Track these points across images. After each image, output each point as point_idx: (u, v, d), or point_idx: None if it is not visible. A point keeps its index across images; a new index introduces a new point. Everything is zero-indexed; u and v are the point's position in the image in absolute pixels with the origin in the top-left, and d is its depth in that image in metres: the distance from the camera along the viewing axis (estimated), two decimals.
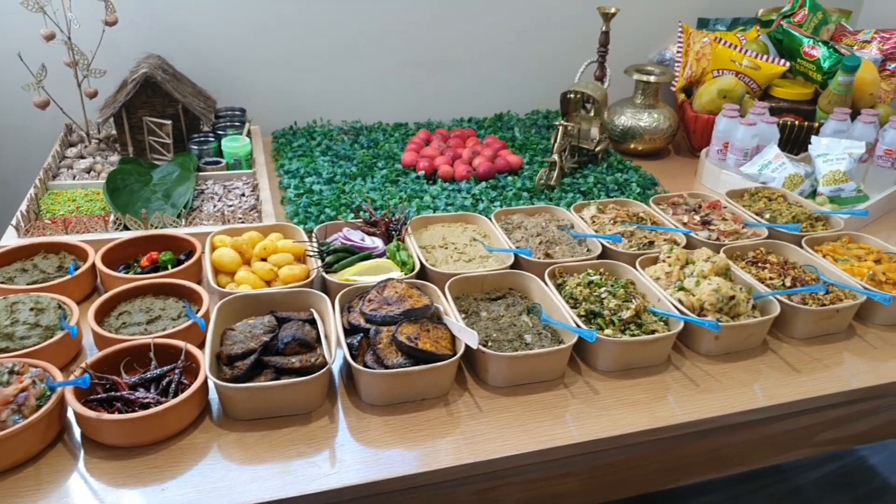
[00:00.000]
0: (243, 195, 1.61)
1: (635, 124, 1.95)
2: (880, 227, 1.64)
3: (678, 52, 2.10)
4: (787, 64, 1.94)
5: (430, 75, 2.11)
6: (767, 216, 1.52)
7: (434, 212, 1.59)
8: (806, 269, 1.34)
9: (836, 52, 1.89)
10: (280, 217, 1.56)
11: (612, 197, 1.69)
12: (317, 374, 1.00)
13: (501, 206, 1.60)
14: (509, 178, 1.76)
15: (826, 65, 1.91)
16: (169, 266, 1.31)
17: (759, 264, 1.34)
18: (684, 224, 1.49)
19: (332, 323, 1.10)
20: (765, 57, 1.96)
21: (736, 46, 1.97)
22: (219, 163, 1.74)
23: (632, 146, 1.99)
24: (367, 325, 1.10)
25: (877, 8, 2.33)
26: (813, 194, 1.69)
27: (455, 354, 1.05)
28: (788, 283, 1.27)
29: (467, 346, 1.04)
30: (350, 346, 1.06)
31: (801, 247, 1.39)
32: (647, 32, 2.24)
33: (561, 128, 1.75)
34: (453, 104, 2.17)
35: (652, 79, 1.94)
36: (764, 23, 2.11)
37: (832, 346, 1.21)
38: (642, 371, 1.13)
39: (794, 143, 1.90)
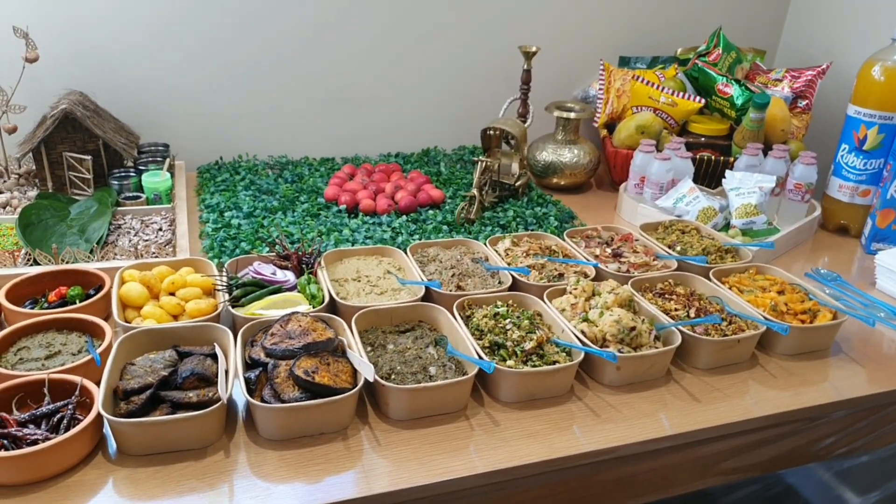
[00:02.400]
0: (160, 230, 1.59)
1: (556, 160, 1.99)
2: (791, 259, 1.70)
3: (600, 89, 2.16)
4: (703, 101, 2.01)
5: (357, 112, 2.13)
6: (678, 248, 1.56)
7: (352, 245, 1.59)
8: (712, 300, 1.37)
9: (747, 90, 1.97)
10: (196, 252, 1.54)
11: (530, 230, 1.71)
12: (210, 408, 0.98)
13: (420, 240, 1.61)
14: (430, 211, 1.78)
15: (739, 102, 1.98)
16: (77, 301, 1.29)
17: (666, 296, 1.37)
18: (596, 257, 1.52)
19: (232, 357, 1.09)
20: (681, 94, 2.02)
21: (654, 84, 2.04)
22: (139, 198, 1.72)
23: (554, 181, 2.02)
24: (268, 360, 1.09)
25: (790, 48, 2.44)
26: (726, 227, 1.74)
27: (354, 388, 1.04)
28: (693, 314, 1.30)
29: (374, 380, 1.04)
30: (248, 381, 1.05)
31: (709, 278, 1.42)
32: (571, 70, 2.30)
33: (480, 163, 1.77)
34: (381, 140, 2.19)
35: (572, 115, 1.99)
36: (682, 61, 2.19)
37: (734, 376, 1.24)
38: (545, 402, 1.14)
39: (712, 177, 1.96)
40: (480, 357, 1.12)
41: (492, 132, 1.87)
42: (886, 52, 1.66)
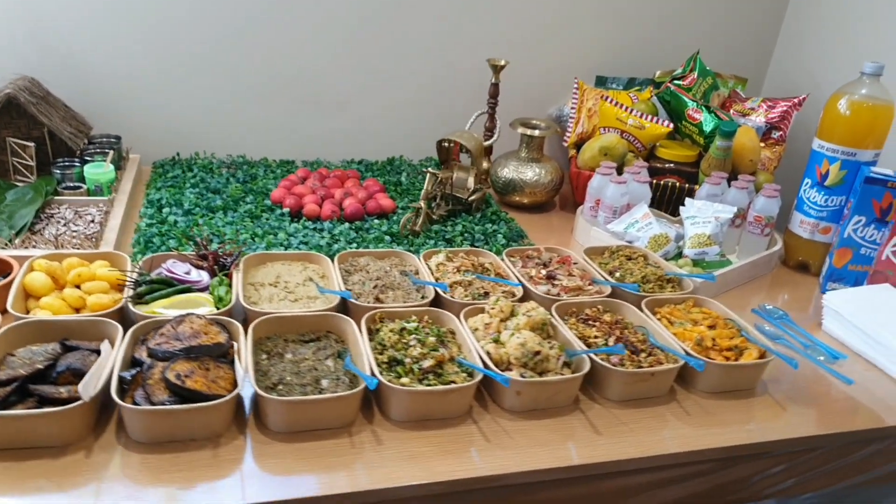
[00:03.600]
0: (93, 221, 1.56)
1: (517, 177, 1.95)
2: (746, 293, 1.64)
3: (572, 108, 2.12)
4: (671, 125, 1.96)
5: (322, 116, 2.10)
6: (617, 275, 1.51)
7: (286, 249, 1.55)
8: (638, 329, 1.32)
9: (716, 117, 1.91)
10: (125, 246, 1.52)
11: (476, 247, 1.67)
12: (69, 406, 0.95)
13: (358, 248, 1.57)
14: (376, 221, 1.74)
15: (707, 129, 1.93)
16: None
17: (590, 322, 1.32)
18: (531, 278, 1.47)
19: (113, 355, 1.05)
20: (650, 117, 1.97)
21: (623, 105, 1.99)
22: (80, 188, 1.70)
23: (516, 198, 1.98)
24: (148, 360, 1.05)
25: (777, 77, 2.38)
26: (679, 256, 1.68)
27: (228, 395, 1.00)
28: (611, 343, 1.24)
29: (255, 390, 1.00)
30: (122, 380, 1.01)
31: (641, 307, 1.37)
32: (548, 87, 2.26)
33: (430, 175, 1.73)
34: (345, 146, 2.16)
35: (536, 133, 1.95)
36: (658, 84, 2.14)
37: (646, 411, 1.18)
38: (439, 423, 1.09)
39: (676, 203, 1.90)
40: (372, 373, 1.07)
41: (447, 144, 1.83)
42: (854, 85, 1.60)
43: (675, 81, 2.04)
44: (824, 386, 1.30)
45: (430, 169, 1.74)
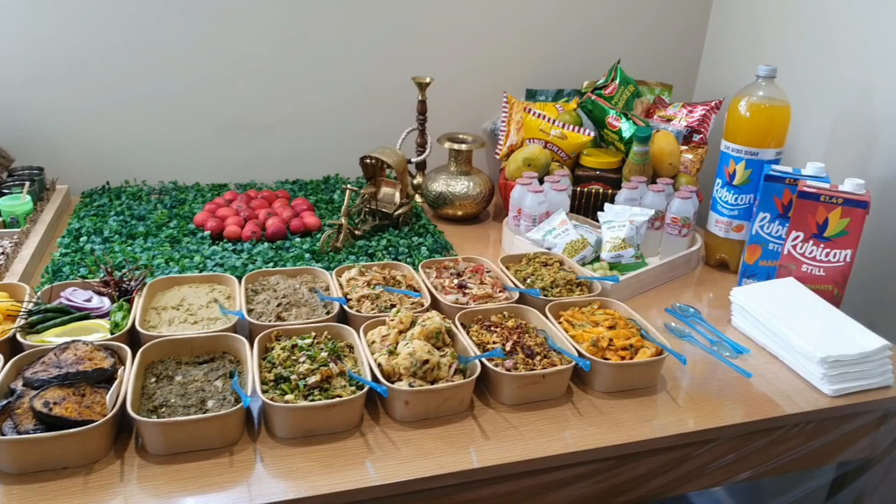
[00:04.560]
0: (2, 253, 1.57)
1: (446, 190, 1.97)
2: (666, 293, 1.65)
3: (502, 121, 2.14)
4: (592, 134, 1.98)
5: (253, 139, 2.12)
6: (528, 281, 1.52)
7: (200, 272, 1.56)
8: (540, 333, 1.33)
9: (634, 124, 1.94)
10: (36, 276, 1.52)
11: (398, 260, 1.68)
12: None
13: (274, 267, 1.58)
14: (298, 239, 1.75)
15: (627, 135, 1.95)
16: None
17: (493, 328, 1.33)
18: (443, 288, 1.48)
19: None
20: (572, 127, 2.00)
21: (546, 117, 2.01)
22: None
23: (449, 211, 2.00)
24: (21, 389, 1.05)
25: (706, 83, 2.41)
26: (597, 260, 1.70)
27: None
28: (509, 348, 1.25)
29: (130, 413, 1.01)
30: None
31: (545, 312, 1.38)
32: (481, 101, 2.28)
33: (349, 191, 1.75)
34: (279, 167, 2.18)
35: (464, 147, 1.97)
36: (584, 94, 2.16)
37: (539, 413, 1.19)
38: (326, 438, 1.10)
39: (601, 210, 1.91)
40: (254, 392, 1.08)
41: (369, 161, 1.85)
42: (752, 88, 1.63)
43: (598, 91, 2.07)
44: (726, 380, 1.31)
45: (348, 186, 1.75)
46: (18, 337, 1.20)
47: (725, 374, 1.33)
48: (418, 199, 2.10)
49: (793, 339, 1.32)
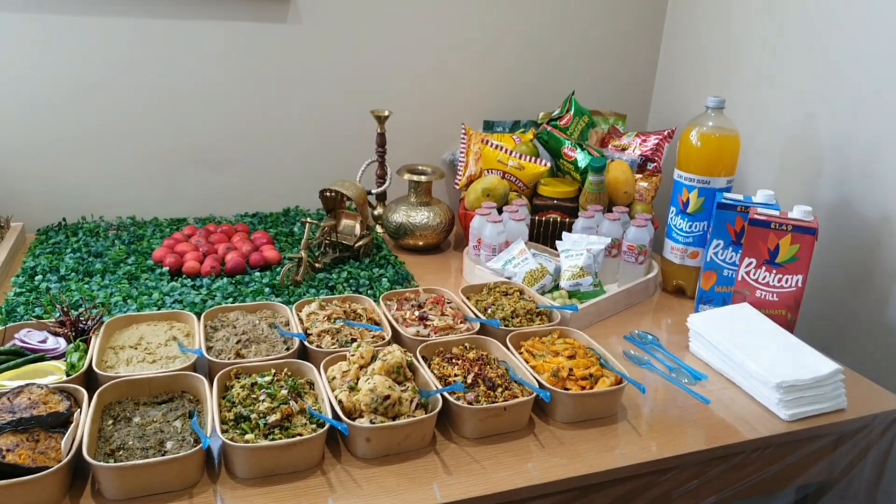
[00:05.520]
0: None
1: (407, 221, 1.98)
2: (624, 320, 1.67)
3: (461, 152, 2.17)
4: (548, 164, 2.02)
5: (212, 173, 2.11)
6: (489, 311, 1.53)
7: (158, 309, 1.54)
8: (501, 364, 1.34)
9: (588, 154, 1.98)
10: None
11: (359, 292, 1.68)
12: None
13: (234, 303, 1.57)
14: (257, 273, 1.74)
15: (582, 165, 1.99)
16: None
17: (454, 360, 1.33)
18: (404, 320, 1.48)
19: None
20: (529, 158, 2.03)
21: (503, 148, 2.04)
22: None
23: (410, 242, 2.01)
24: None
25: (659, 113, 2.48)
26: (556, 288, 1.72)
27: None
28: (470, 381, 1.26)
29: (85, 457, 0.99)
30: None
31: (506, 342, 1.39)
32: (439, 133, 2.31)
33: (308, 224, 1.75)
34: (238, 200, 2.17)
35: (423, 178, 1.99)
36: (540, 126, 2.21)
37: (501, 446, 1.19)
38: (287, 477, 1.09)
39: (559, 238, 1.94)
40: (212, 432, 1.07)
41: (329, 194, 1.86)
42: (702, 118, 1.68)
43: (553, 122, 2.11)
44: (685, 407, 1.34)
45: (307, 219, 1.76)
46: None
47: (685, 400, 1.36)
48: (379, 229, 2.11)
49: (749, 364, 1.35)
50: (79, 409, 1.12)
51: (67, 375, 1.22)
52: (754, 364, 1.34)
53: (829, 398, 1.32)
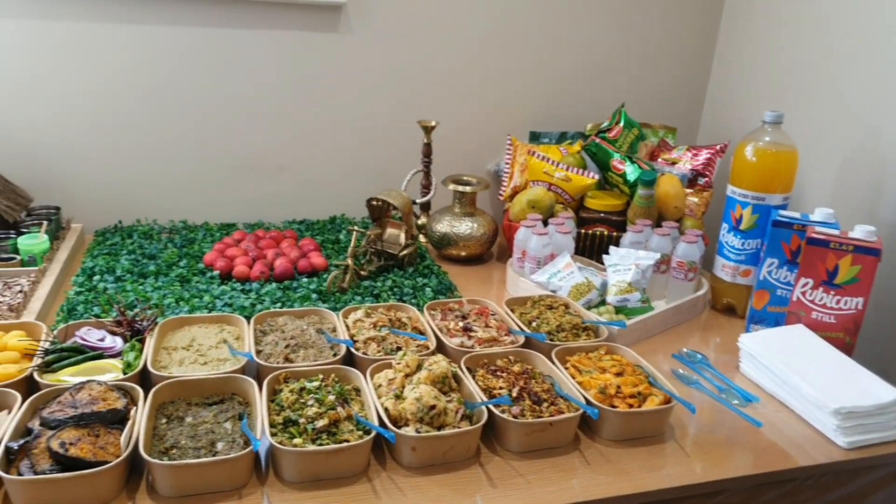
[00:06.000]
0: (20, 292, 1.59)
1: (450, 231, 1.99)
2: (673, 338, 1.65)
3: (506, 163, 2.17)
4: (596, 177, 2.01)
5: (262, 179, 2.15)
6: (534, 325, 1.53)
7: (209, 311, 1.57)
8: (546, 379, 1.33)
9: (638, 167, 1.96)
10: (51, 314, 1.54)
11: (404, 301, 1.69)
12: None
13: (283, 308, 1.60)
14: (305, 279, 1.77)
15: (631, 178, 1.97)
16: None
17: (499, 373, 1.33)
18: (448, 330, 1.49)
19: (5, 424, 1.07)
20: (577, 170, 2.02)
21: (549, 159, 2.04)
22: (13, 259, 1.72)
23: (453, 252, 2.02)
24: (41, 429, 1.06)
25: (709, 126, 2.44)
26: (602, 303, 1.71)
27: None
28: (515, 394, 1.26)
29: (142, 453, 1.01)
30: (9, 450, 1.02)
31: (551, 357, 1.38)
32: (487, 144, 2.31)
33: (355, 232, 1.77)
34: (287, 207, 2.21)
35: (468, 189, 1.99)
36: (587, 137, 2.20)
37: (546, 461, 1.18)
38: (333, 482, 1.10)
39: (605, 252, 1.93)
40: (262, 434, 1.08)
41: (375, 202, 1.88)
42: (758, 133, 1.66)
43: (602, 134, 2.10)
44: (735, 429, 1.31)
45: (354, 227, 1.78)
46: (35, 376, 1.21)
47: (735, 422, 1.33)
48: (422, 239, 2.12)
49: (804, 388, 1.32)
50: (135, 407, 1.14)
51: (124, 374, 1.26)
52: (810, 388, 1.31)
53: (891, 427, 1.27)
